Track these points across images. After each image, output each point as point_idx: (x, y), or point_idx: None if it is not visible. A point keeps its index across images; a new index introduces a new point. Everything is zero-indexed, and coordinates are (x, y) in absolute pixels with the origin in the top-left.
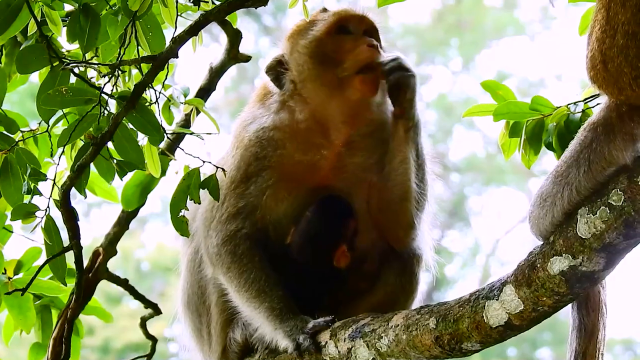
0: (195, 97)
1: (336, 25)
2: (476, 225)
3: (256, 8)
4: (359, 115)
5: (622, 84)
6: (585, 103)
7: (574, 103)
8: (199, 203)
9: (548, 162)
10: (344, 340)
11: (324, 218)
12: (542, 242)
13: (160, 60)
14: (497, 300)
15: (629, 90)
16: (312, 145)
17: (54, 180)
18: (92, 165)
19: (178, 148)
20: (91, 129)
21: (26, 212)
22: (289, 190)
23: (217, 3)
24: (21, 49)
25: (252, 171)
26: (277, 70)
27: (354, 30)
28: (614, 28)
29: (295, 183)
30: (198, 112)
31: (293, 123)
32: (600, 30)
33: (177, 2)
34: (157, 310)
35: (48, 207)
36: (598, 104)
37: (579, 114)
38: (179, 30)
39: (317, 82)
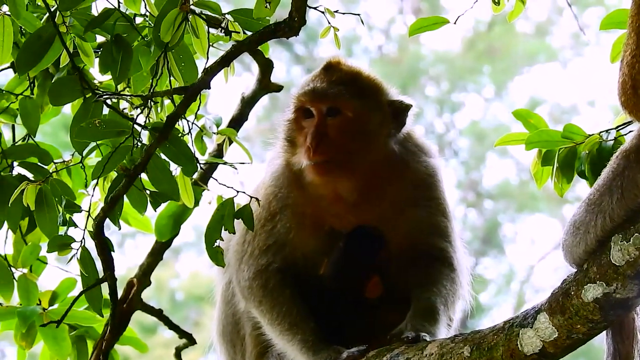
0: (228, 126)
1: (298, 111)
2: (510, 252)
3: (288, 38)
4: (337, 186)
5: None
6: (617, 130)
7: (606, 131)
8: (234, 233)
9: (581, 189)
10: None
11: (355, 249)
12: (575, 270)
13: (192, 91)
14: (531, 328)
15: None
16: (320, 198)
17: (89, 211)
18: (125, 196)
19: (211, 178)
20: (124, 161)
21: (62, 244)
22: (313, 229)
23: (249, 33)
24: (53, 80)
25: (274, 209)
26: None
27: (315, 111)
28: None
29: (318, 223)
30: (231, 142)
31: (299, 170)
32: (630, 55)
33: (208, 32)
34: (191, 340)
35: (83, 238)
36: (631, 131)
37: (612, 142)
38: (211, 60)
39: (291, 159)
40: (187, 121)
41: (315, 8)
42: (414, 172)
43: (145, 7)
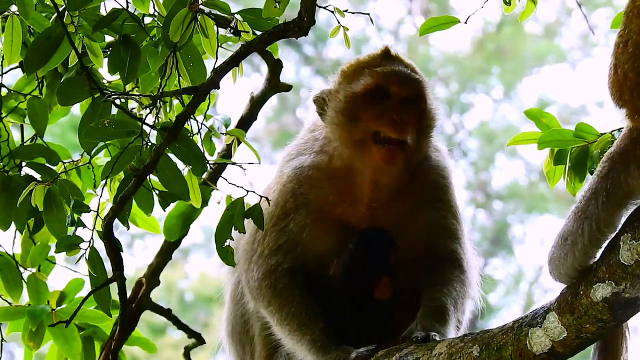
0: (237, 126)
1: (375, 86)
2: (519, 252)
3: (297, 38)
4: (386, 176)
5: (624, 89)
6: None
7: (619, 129)
8: (244, 232)
9: None
10: None
11: (365, 250)
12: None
13: (201, 92)
14: (540, 327)
15: (627, 95)
16: (348, 194)
17: (97, 211)
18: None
19: (220, 178)
20: (133, 162)
21: (70, 244)
22: (327, 228)
23: (258, 33)
24: (62, 80)
25: (290, 208)
26: (321, 105)
27: (395, 93)
28: (628, 35)
29: (334, 222)
30: (239, 143)
31: (330, 167)
32: (618, 36)
33: (217, 32)
34: (200, 340)
35: (92, 238)
36: None
37: None
38: (220, 60)
39: (346, 140)
40: (196, 121)
41: (324, 7)
42: (428, 173)
43: (154, 7)
